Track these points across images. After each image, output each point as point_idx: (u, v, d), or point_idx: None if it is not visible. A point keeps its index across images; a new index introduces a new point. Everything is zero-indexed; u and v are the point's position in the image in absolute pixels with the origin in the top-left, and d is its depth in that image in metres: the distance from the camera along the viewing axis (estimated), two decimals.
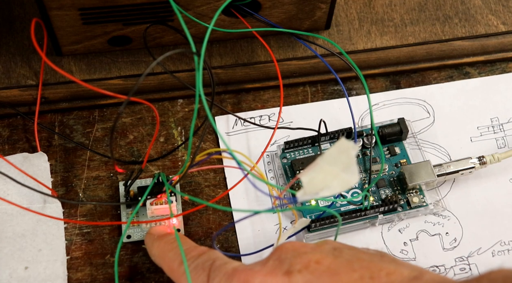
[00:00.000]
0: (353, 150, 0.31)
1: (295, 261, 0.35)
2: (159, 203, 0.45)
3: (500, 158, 0.49)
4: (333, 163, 0.32)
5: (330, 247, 0.37)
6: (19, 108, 0.51)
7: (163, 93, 0.52)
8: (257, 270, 0.36)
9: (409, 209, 0.48)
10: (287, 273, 0.35)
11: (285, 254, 0.36)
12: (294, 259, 0.35)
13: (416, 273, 0.34)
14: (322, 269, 0.34)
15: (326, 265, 0.35)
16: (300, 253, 0.36)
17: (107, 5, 0.47)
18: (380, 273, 0.34)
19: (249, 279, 0.35)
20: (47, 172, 0.48)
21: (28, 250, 0.45)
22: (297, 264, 0.35)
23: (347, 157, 0.32)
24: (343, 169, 0.32)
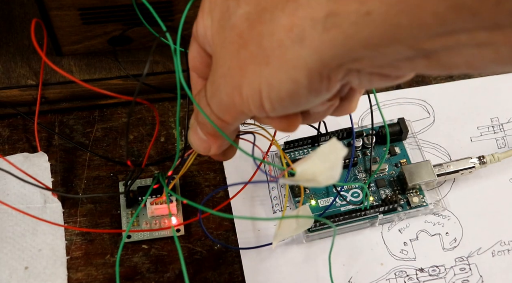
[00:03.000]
0: (341, 151, 0.33)
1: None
2: (159, 202, 0.45)
3: (500, 158, 0.49)
4: (323, 159, 0.33)
5: None
6: (19, 108, 0.51)
7: (163, 93, 0.52)
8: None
9: (409, 209, 0.48)
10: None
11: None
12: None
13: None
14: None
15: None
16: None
17: (107, 5, 0.47)
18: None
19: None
20: (47, 172, 0.48)
21: (28, 250, 0.45)
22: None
23: (335, 157, 0.33)
24: (330, 167, 0.33)
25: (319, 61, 0.28)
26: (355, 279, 0.45)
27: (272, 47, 0.29)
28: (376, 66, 0.28)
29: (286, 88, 0.29)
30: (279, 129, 0.34)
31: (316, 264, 0.46)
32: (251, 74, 0.30)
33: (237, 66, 0.31)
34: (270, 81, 0.30)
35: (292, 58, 0.28)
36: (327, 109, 0.34)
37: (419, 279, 0.46)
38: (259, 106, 0.31)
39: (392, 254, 0.47)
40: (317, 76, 0.28)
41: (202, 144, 0.38)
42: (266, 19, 0.29)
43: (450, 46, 0.25)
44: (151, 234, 0.46)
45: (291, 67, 0.29)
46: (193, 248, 0.46)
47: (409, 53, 0.26)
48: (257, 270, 0.46)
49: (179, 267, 0.46)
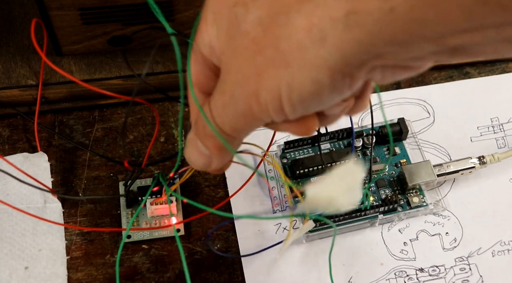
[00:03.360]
0: (360, 173, 0.32)
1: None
2: (159, 202, 0.45)
3: (500, 158, 0.49)
4: (339, 182, 0.33)
5: None
6: (19, 108, 0.51)
7: (163, 93, 0.52)
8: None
9: (409, 209, 0.48)
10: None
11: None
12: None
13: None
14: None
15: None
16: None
17: (107, 5, 0.47)
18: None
19: None
20: (47, 172, 0.48)
21: (28, 250, 0.45)
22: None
23: (353, 180, 0.32)
24: (348, 190, 0.33)
25: (341, 60, 0.27)
26: (355, 279, 0.45)
27: (291, 49, 0.28)
28: (400, 60, 0.28)
29: (308, 89, 0.29)
30: (297, 133, 0.33)
31: (316, 264, 0.46)
32: (269, 78, 0.30)
33: (254, 72, 0.30)
34: (291, 83, 0.29)
35: (313, 58, 0.28)
36: (343, 109, 0.33)
37: (419, 279, 0.46)
38: (278, 110, 0.30)
39: (392, 254, 0.47)
40: (340, 75, 0.28)
41: (203, 159, 0.37)
42: (281, 22, 0.28)
43: (477, 42, 0.25)
44: (151, 234, 0.46)
45: (313, 67, 0.28)
46: (193, 248, 0.46)
47: (435, 48, 0.26)
48: (257, 270, 0.46)
49: (179, 267, 0.46)
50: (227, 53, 0.32)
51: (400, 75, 0.30)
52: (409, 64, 0.29)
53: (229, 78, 0.32)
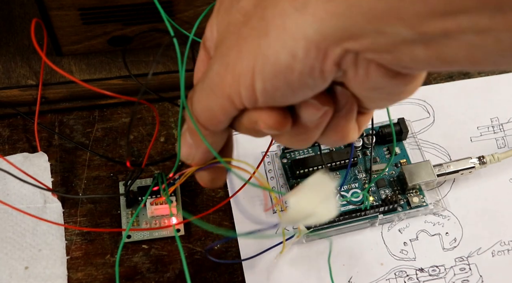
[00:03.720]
0: (330, 184, 0.32)
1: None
2: (159, 203, 0.45)
3: (500, 158, 0.49)
4: (314, 191, 0.33)
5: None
6: (19, 108, 0.51)
7: (163, 93, 0.52)
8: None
9: (409, 209, 0.48)
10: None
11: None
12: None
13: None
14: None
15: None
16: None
17: (107, 5, 0.47)
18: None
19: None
20: (47, 172, 0.48)
21: (28, 250, 0.45)
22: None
23: (326, 189, 0.33)
24: (323, 199, 0.33)
25: (318, 32, 0.27)
26: (355, 279, 0.45)
27: (274, 16, 0.28)
28: (374, 49, 0.27)
29: (281, 61, 0.28)
30: (267, 125, 0.32)
31: (316, 264, 0.46)
32: (247, 48, 0.29)
33: (235, 43, 0.30)
34: (266, 52, 0.28)
35: (292, 26, 0.27)
36: (320, 118, 0.32)
37: (419, 279, 0.46)
38: (249, 86, 0.30)
39: (392, 254, 0.47)
40: (314, 48, 0.27)
41: (187, 149, 0.36)
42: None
43: (450, 32, 0.25)
44: (151, 234, 0.46)
45: (289, 36, 0.28)
46: (193, 248, 0.46)
47: (409, 35, 0.25)
48: (257, 270, 0.46)
49: (179, 267, 0.46)
50: (221, 30, 0.31)
51: (375, 77, 0.29)
52: (385, 62, 0.28)
53: (215, 53, 0.31)
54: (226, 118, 0.33)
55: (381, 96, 0.31)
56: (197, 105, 0.33)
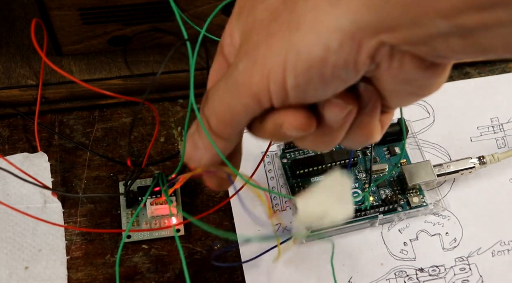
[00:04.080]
0: (347, 183, 0.32)
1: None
2: (159, 203, 0.45)
3: (500, 158, 0.49)
4: (328, 192, 0.32)
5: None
6: (19, 108, 0.51)
7: (163, 93, 0.52)
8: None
9: (409, 209, 0.48)
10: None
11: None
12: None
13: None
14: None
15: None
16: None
17: (107, 5, 0.47)
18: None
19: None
20: (47, 172, 0.48)
21: (28, 250, 0.45)
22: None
23: (341, 189, 0.32)
24: (338, 199, 0.32)
25: (354, 24, 0.26)
26: (355, 279, 0.46)
27: (306, 11, 0.27)
28: (410, 41, 0.27)
29: (315, 54, 0.27)
30: (294, 126, 0.31)
31: (317, 264, 0.46)
32: (278, 42, 0.28)
33: (264, 39, 0.29)
34: (299, 46, 0.28)
35: (326, 19, 0.27)
36: (344, 118, 0.32)
37: (419, 279, 0.46)
38: (280, 81, 0.29)
39: (392, 254, 0.47)
40: (349, 40, 0.27)
41: (195, 152, 0.35)
42: None
43: (488, 25, 0.24)
44: (151, 234, 0.46)
45: (324, 28, 0.27)
46: (193, 248, 0.46)
47: (446, 27, 0.25)
48: (257, 270, 0.46)
49: (179, 267, 0.46)
50: (245, 30, 0.30)
51: (409, 68, 0.28)
52: (420, 53, 0.27)
53: (238, 52, 0.30)
54: (247, 119, 0.32)
55: (411, 89, 0.31)
56: (217, 105, 0.32)
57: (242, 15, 0.31)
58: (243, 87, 0.30)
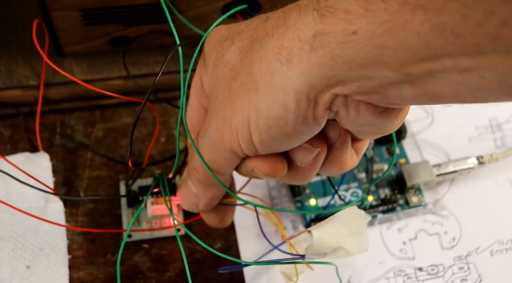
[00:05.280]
0: (364, 218, 0.33)
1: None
2: (160, 202, 0.45)
3: (498, 158, 0.49)
4: (344, 225, 0.33)
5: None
6: (21, 108, 0.51)
7: (164, 93, 0.52)
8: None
9: (408, 208, 0.48)
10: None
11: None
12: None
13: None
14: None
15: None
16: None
17: (108, 6, 0.47)
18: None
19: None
20: (49, 172, 0.49)
21: (30, 249, 0.45)
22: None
23: (357, 223, 0.33)
24: (353, 233, 0.33)
25: (306, 83, 0.28)
26: (354, 278, 0.46)
27: (261, 71, 0.29)
28: (362, 92, 0.28)
29: (274, 113, 0.29)
30: (263, 172, 0.33)
31: (317, 264, 0.46)
32: (240, 102, 0.30)
33: (228, 98, 0.31)
34: (258, 107, 0.29)
35: (280, 80, 0.28)
36: (313, 160, 0.33)
37: (418, 278, 0.46)
38: (247, 139, 0.31)
39: (391, 253, 0.47)
40: (304, 99, 0.28)
41: (191, 198, 0.38)
42: (257, 47, 0.29)
43: (434, 72, 0.25)
44: (151, 233, 0.46)
45: (279, 90, 0.28)
46: (193, 248, 0.47)
47: (395, 77, 0.26)
48: (258, 270, 0.46)
49: (180, 266, 0.46)
50: (211, 83, 0.32)
51: (366, 115, 0.30)
52: (374, 101, 0.29)
53: (209, 108, 0.33)
54: (231, 168, 0.34)
55: (372, 130, 0.32)
56: (202, 150, 0.34)
57: (208, 65, 0.33)
58: (219, 143, 0.32)
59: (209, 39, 0.34)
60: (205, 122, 0.33)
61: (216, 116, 0.32)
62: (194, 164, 0.36)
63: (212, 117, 0.32)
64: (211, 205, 0.38)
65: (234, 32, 0.32)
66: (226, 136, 0.32)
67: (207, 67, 0.33)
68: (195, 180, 0.37)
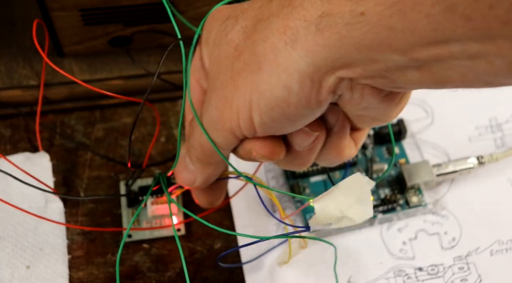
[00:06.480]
0: (368, 185, 0.32)
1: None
2: (160, 202, 0.46)
3: (498, 158, 0.49)
4: (347, 193, 0.33)
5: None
6: (21, 108, 0.51)
7: (164, 93, 0.52)
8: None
9: (408, 208, 0.48)
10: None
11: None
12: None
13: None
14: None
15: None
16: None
17: (108, 6, 0.47)
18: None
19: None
20: (49, 172, 0.49)
21: (30, 249, 0.45)
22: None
23: (361, 190, 0.32)
24: (357, 200, 0.33)
25: (311, 64, 0.27)
26: (354, 278, 0.46)
27: (265, 52, 0.28)
28: (368, 75, 0.27)
29: (276, 95, 0.29)
30: (261, 155, 0.33)
31: (317, 263, 0.46)
32: (242, 83, 0.30)
33: (230, 77, 0.30)
34: (261, 88, 0.29)
35: (284, 61, 0.28)
36: (312, 143, 0.33)
37: (418, 278, 0.46)
38: (247, 119, 0.30)
39: (391, 253, 0.47)
40: (309, 81, 0.28)
41: (188, 175, 0.37)
42: (261, 27, 0.29)
43: (442, 58, 0.25)
44: (151, 233, 0.46)
45: (283, 70, 0.28)
46: (193, 248, 0.47)
47: (401, 61, 0.26)
48: (258, 270, 0.46)
49: (180, 266, 0.46)
50: (212, 62, 0.32)
51: (370, 99, 0.29)
52: (379, 85, 0.28)
53: (209, 87, 0.32)
54: (228, 148, 0.34)
55: (373, 115, 0.32)
56: (200, 138, 0.34)
57: (209, 43, 0.33)
58: (218, 123, 0.32)
59: (210, 18, 0.33)
60: (204, 101, 0.33)
61: (217, 96, 0.31)
62: (193, 142, 0.35)
63: (212, 96, 0.32)
64: (208, 182, 0.37)
65: (237, 11, 0.31)
66: (226, 115, 0.31)
67: (208, 45, 0.33)
68: (193, 158, 0.36)
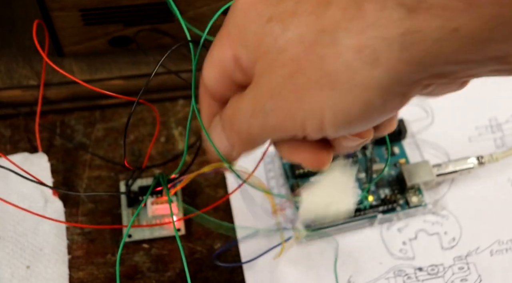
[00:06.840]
0: (350, 175, 0.32)
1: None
2: (160, 202, 0.46)
3: (498, 158, 0.49)
4: (332, 184, 0.33)
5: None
6: (21, 109, 0.51)
7: (164, 93, 0.52)
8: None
9: (408, 208, 0.48)
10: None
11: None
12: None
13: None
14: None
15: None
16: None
17: (108, 6, 0.47)
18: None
19: None
20: (48, 172, 0.49)
21: (30, 249, 0.45)
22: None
23: (345, 181, 0.33)
24: (342, 193, 0.33)
25: (395, 80, 0.26)
26: (354, 278, 0.46)
27: (338, 70, 0.27)
28: (452, 80, 0.27)
29: (357, 111, 0.28)
30: (312, 166, 0.32)
31: (317, 263, 0.46)
32: (311, 99, 0.28)
33: (292, 90, 0.29)
34: (338, 105, 0.28)
35: (363, 80, 0.27)
36: (359, 143, 0.33)
37: (418, 278, 0.46)
38: (317, 130, 0.29)
39: (391, 253, 0.47)
40: (392, 95, 0.27)
41: (224, 150, 0.35)
42: (327, 41, 0.27)
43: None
44: (151, 233, 0.47)
45: (363, 88, 0.27)
46: (193, 248, 0.47)
47: (497, 67, 0.25)
48: (257, 269, 0.46)
49: (180, 266, 0.46)
50: (261, 66, 0.30)
51: (447, 89, 0.29)
52: (463, 80, 0.28)
53: (262, 91, 0.31)
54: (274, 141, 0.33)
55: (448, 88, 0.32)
56: (245, 128, 0.32)
57: (248, 45, 0.31)
58: (276, 129, 0.31)
59: (243, 15, 0.31)
60: (254, 99, 0.31)
61: (275, 105, 0.30)
62: (236, 127, 0.33)
63: (267, 104, 0.30)
64: (246, 153, 0.35)
65: (279, 10, 0.29)
66: (287, 125, 0.30)
67: (246, 46, 0.31)
68: (236, 140, 0.34)
